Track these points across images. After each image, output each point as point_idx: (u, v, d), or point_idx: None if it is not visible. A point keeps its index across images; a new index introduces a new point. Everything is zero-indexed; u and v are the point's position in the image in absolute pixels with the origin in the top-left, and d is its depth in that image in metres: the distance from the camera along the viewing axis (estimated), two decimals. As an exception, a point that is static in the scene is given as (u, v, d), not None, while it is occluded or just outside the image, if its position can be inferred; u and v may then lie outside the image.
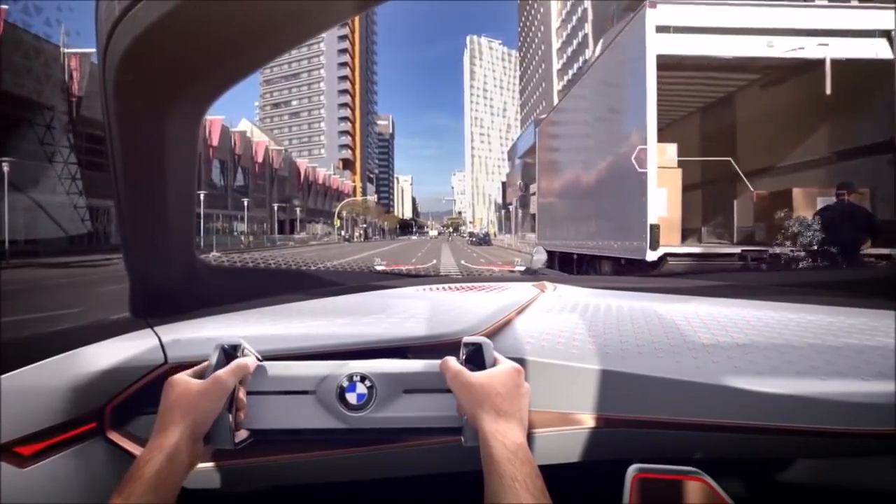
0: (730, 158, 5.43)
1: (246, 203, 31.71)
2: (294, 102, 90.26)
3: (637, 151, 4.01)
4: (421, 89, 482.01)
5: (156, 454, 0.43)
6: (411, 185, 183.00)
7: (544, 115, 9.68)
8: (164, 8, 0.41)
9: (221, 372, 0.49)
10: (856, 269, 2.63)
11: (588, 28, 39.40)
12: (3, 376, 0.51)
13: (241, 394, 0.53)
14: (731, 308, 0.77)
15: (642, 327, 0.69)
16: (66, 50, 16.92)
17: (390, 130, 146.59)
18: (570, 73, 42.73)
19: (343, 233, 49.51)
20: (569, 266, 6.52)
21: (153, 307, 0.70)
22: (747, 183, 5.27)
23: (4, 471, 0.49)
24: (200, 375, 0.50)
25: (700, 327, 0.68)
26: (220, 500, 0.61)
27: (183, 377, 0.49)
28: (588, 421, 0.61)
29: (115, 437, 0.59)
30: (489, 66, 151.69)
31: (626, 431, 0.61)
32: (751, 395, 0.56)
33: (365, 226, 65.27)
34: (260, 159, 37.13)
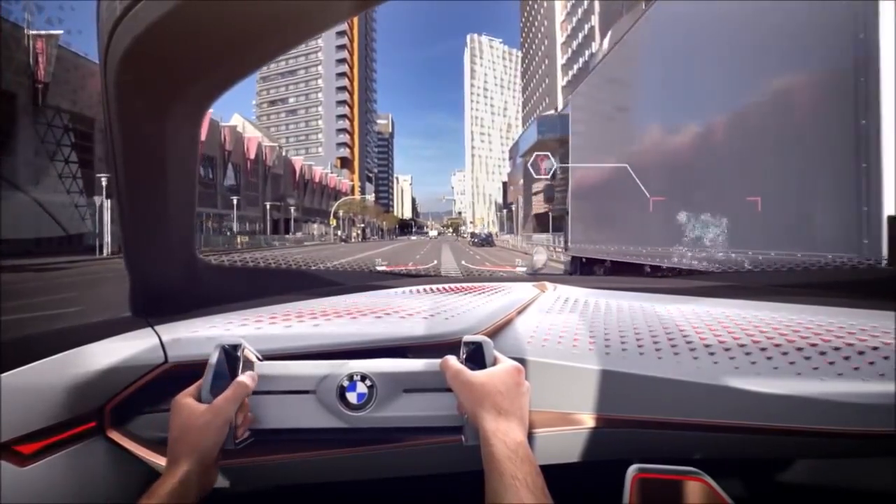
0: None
1: (236, 201, 30.30)
2: (291, 100, 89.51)
3: (848, 73, 1.92)
4: (421, 89, 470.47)
5: (169, 481, 0.44)
6: (411, 184, 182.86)
7: (580, 83, 6.61)
8: (164, 8, 0.41)
9: (221, 400, 0.49)
10: (856, 270, 2.56)
11: (595, 20, 38.07)
12: (3, 375, 0.51)
13: None
14: (731, 308, 0.77)
15: (642, 327, 0.69)
16: (30, 32, 15.07)
17: (390, 130, 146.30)
18: (576, 67, 42.05)
19: (339, 233, 48.64)
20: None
21: (153, 306, 0.70)
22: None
23: (4, 469, 0.49)
24: (201, 390, 0.51)
25: (700, 327, 0.68)
26: (220, 499, 0.61)
27: (188, 402, 0.50)
28: (588, 421, 0.61)
29: (114, 436, 0.59)
30: (490, 65, 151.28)
31: (626, 431, 0.61)
32: (751, 395, 0.56)
33: (363, 226, 64.90)
34: (252, 156, 35.83)
